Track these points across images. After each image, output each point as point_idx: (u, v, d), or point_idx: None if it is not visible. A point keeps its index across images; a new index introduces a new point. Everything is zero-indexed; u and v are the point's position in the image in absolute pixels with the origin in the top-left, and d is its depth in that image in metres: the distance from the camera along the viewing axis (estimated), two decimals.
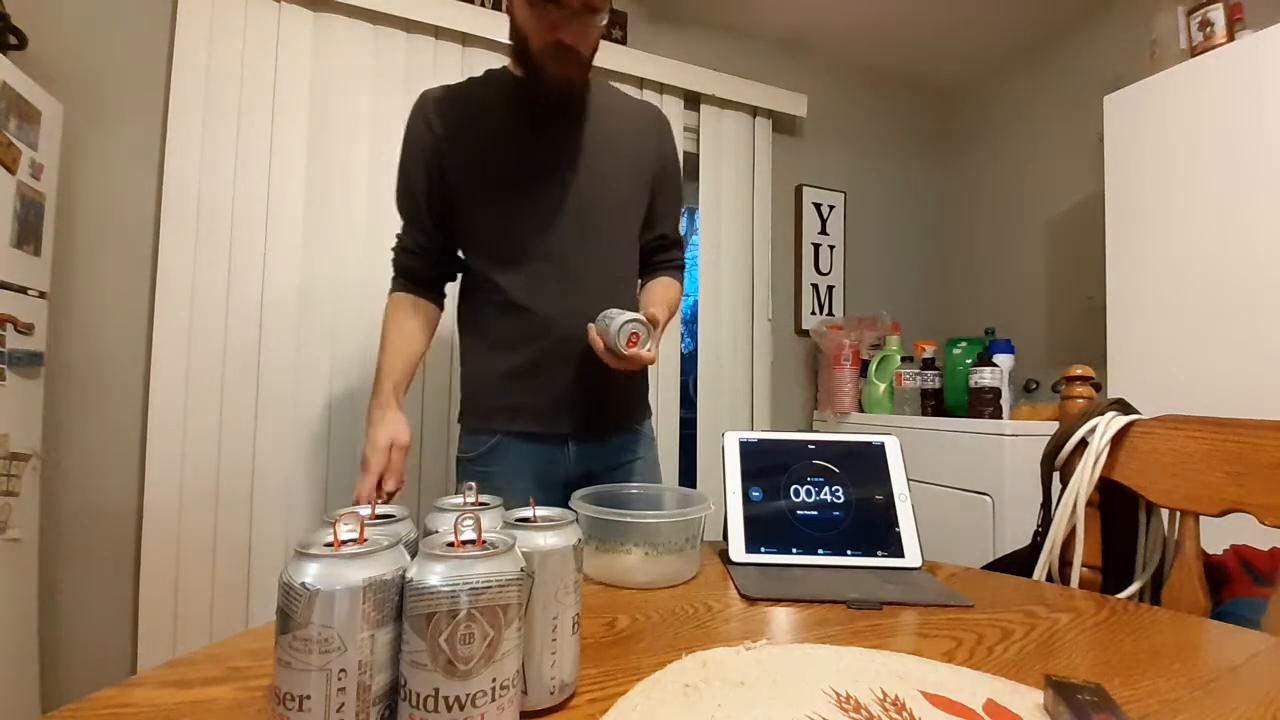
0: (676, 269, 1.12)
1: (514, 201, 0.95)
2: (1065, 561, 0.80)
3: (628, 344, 0.85)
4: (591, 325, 0.88)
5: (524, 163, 0.95)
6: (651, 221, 1.07)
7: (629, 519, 0.65)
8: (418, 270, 1.02)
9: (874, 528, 0.75)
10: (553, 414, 0.97)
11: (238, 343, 1.53)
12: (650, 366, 0.93)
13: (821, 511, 0.76)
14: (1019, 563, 0.86)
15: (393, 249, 1.03)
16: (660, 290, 1.07)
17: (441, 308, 1.07)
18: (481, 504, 0.51)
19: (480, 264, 0.99)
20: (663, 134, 1.07)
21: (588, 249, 0.97)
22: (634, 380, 1.05)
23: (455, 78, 1.78)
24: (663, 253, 1.11)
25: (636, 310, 0.90)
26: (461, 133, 0.95)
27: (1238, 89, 1.41)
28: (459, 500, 0.52)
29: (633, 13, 2.08)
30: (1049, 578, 0.82)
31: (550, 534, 0.41)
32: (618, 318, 0.85)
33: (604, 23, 0.88)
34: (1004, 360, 1.74)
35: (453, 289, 1.09)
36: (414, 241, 1.01)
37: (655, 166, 1.04)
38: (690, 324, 2.45)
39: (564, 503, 0.59)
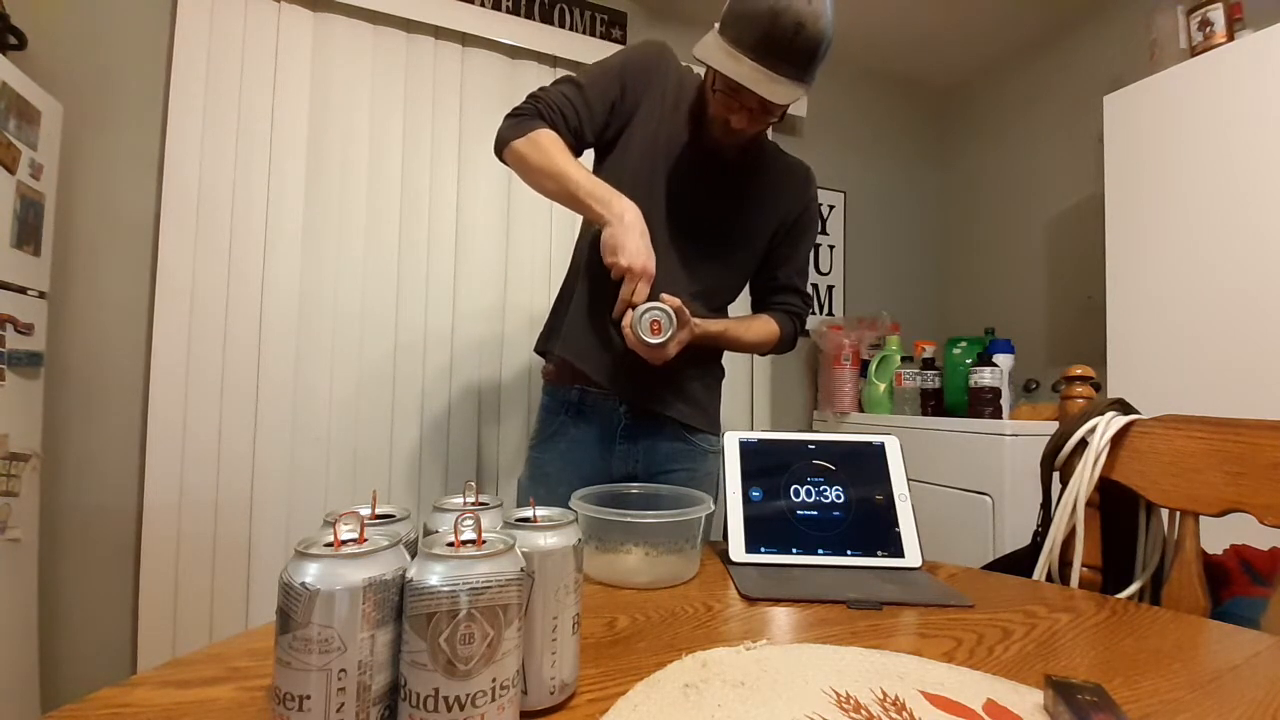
0: (782, 312, 1.15)
1: (651, 186, 1.02)
2: (1065, 561, 0.80)
3: (651, 331, 0.87)
4: (630, 312, 0.89)
5: (676, 168, 1.03)
6: (770, 264, 1.14)
7: (629, 519, 0.65)
8: (559, 125, 0.98)
9: (874, 528, 0.75)
10: (616, 378, 1.01)
11: (238, 343, 1.53)
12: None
13: (821, 511, 0.76)
14: (1019, 563, 0.86)
15: (535, 95, 1.00)
16: (749, 320, 1.12)
17: None
18: (481, 504, 0.51)
19: None
20: (805, 192, 1.14)
21: (696, 256, 1.03)
22: (700, 384, 1.09)
23: (455, 78, 1.80)
24: (775, 295, 1.16)
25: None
26: (650, 112, 1.03)
27: (1238, 89, 1.41)
28: (459, 500, 0.52)
29: (632, 12, 2.08)
30: (1049, 578, 0.82)
31: (550, 534, 0.41)
32: (643, 305, 0.87)
33: (776, 120, 0.96)
34: (1004, 360, 1.74)
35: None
36: (573, 108, 0.99)
37: (787, 218, 1.11)
38: None
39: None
